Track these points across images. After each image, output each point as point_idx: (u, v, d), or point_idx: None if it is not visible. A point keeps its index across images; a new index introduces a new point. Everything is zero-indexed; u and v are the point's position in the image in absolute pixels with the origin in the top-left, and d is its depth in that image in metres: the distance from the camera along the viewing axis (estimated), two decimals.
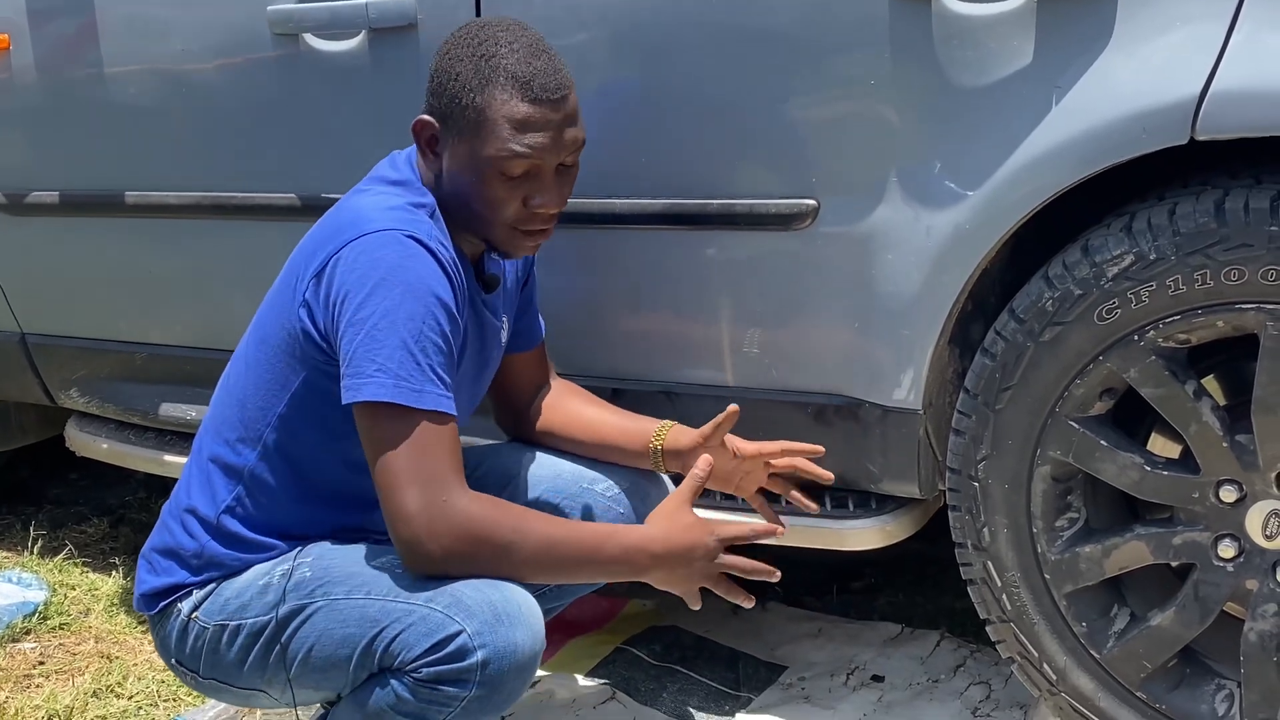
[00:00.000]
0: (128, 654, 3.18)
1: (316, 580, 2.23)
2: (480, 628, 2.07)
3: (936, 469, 2.56)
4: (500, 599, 2.10)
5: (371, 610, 2.15)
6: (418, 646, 2.09)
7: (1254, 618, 2.33)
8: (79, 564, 3.66)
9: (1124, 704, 2.44)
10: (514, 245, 2.30)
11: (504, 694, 2.11)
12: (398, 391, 2.07)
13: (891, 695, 2.89)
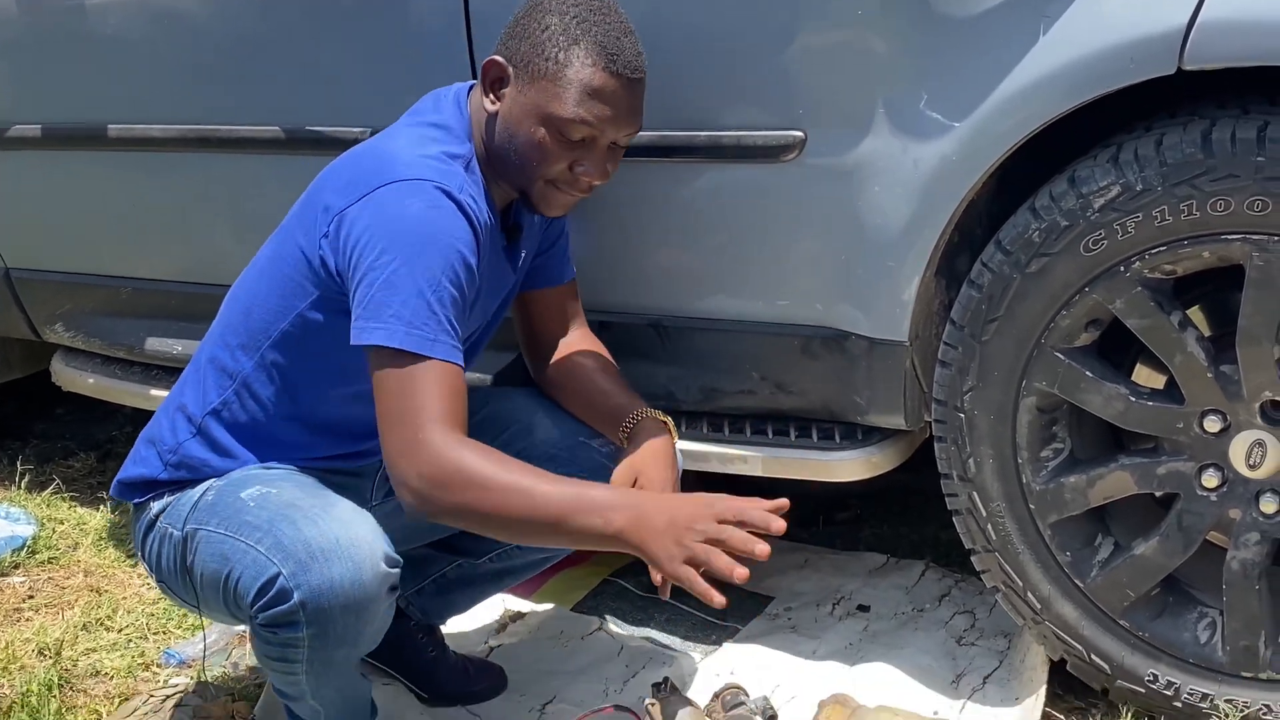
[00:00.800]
0: (117, 588, 3.19)
1: (208, 507, 2.26)
2: (295, 568, 2.09)
3: (922, 400, 2.57)
4: (316, 535, 2.10)
5: (225, 548, 2.19)
6: (249, 592, 2.13)
7: (1237, 546, 2.35)
8: (67, 499, 3.66)
9: (1107, 632, 2.46)
10: (546, 202, 2.30)
11: (340, 630, 2.12)
12: (409, 338, 2.08)
13: (877, 625, 2.91)
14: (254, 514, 2.18)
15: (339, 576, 2.08)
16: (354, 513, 2.18)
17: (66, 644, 2.91)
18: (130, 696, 2.74)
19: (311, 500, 2.20)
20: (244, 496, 2.23)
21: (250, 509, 2.20)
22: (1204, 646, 2.42)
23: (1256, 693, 2.38)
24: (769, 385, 2.69)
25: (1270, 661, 2.36)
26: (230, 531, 2.19)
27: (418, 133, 2.27)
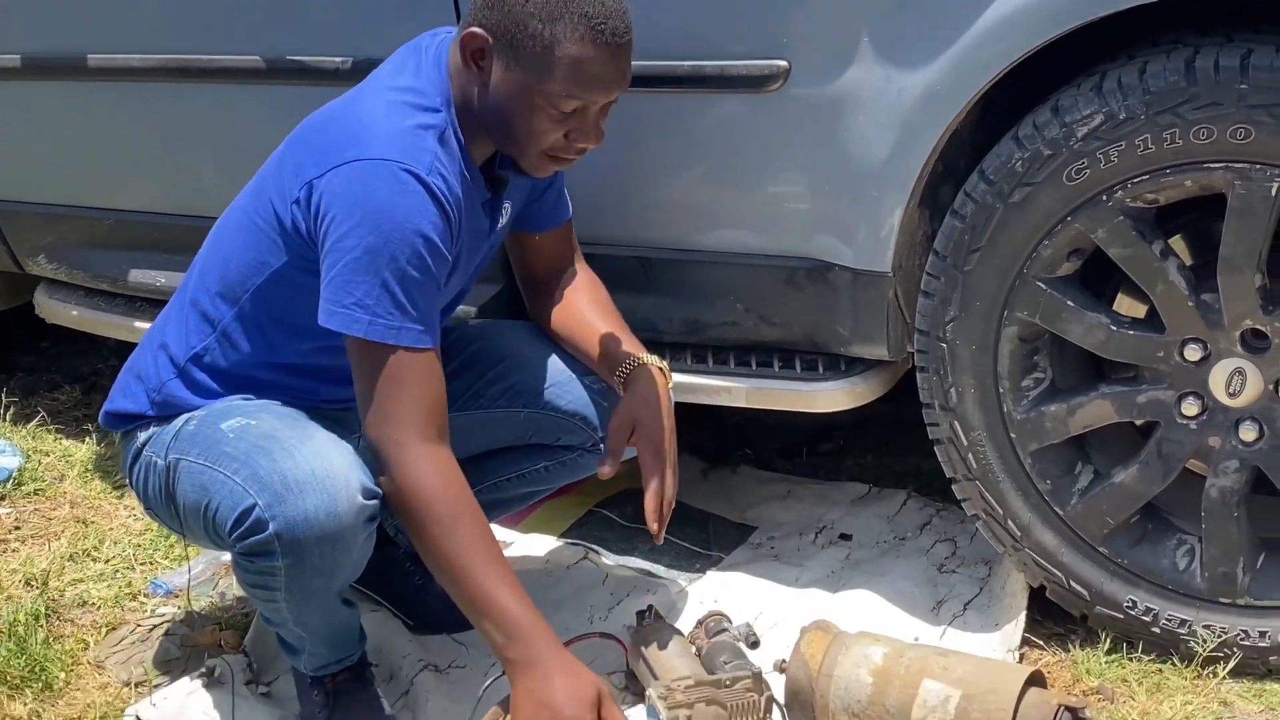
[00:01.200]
0: (103, 519, 3.20)
1: (190, 437, 2.28)
2: (270, 500, 2.11)
3: (905, 331, 2.58)
4: (292, 467, 2.12)
5: (204, 478, 2.21)
6: (227, 522, 2.16)
7: (1216, 474, 2.37)
8: (52, 431, 3.66)
9: (1086, 559, 2.49)
10: (540, 169, 2.28)
11: (316, 561, 2.15)
12: (373, 328, 2.09)
13: (859, 553, 2.93)
14: (233, 445, 2.20)
15: (314, 508, 2.10)
16: (331, 444, 2.19)
17: (53, 574, 2.92)
18: (117, 626, 2.75)
19: (289, 432, 2.21)
20: (224, 428, 2.24)
21: (229, 440, 2.21)
22: (1182, 573, 2.45)
23: (1234, 618, 2.41)
24: (752, 317, 2.70)
25: (1248, 587, 2.39)
26: (209, 462, 2.21)
27: (393, 99, 2.21)
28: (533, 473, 2.66)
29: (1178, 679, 2.42)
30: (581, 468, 2.67)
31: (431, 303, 2.15)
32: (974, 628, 2.62)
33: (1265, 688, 2.39)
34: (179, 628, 2.71)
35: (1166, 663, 2.45)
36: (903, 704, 2.23)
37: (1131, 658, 2.47)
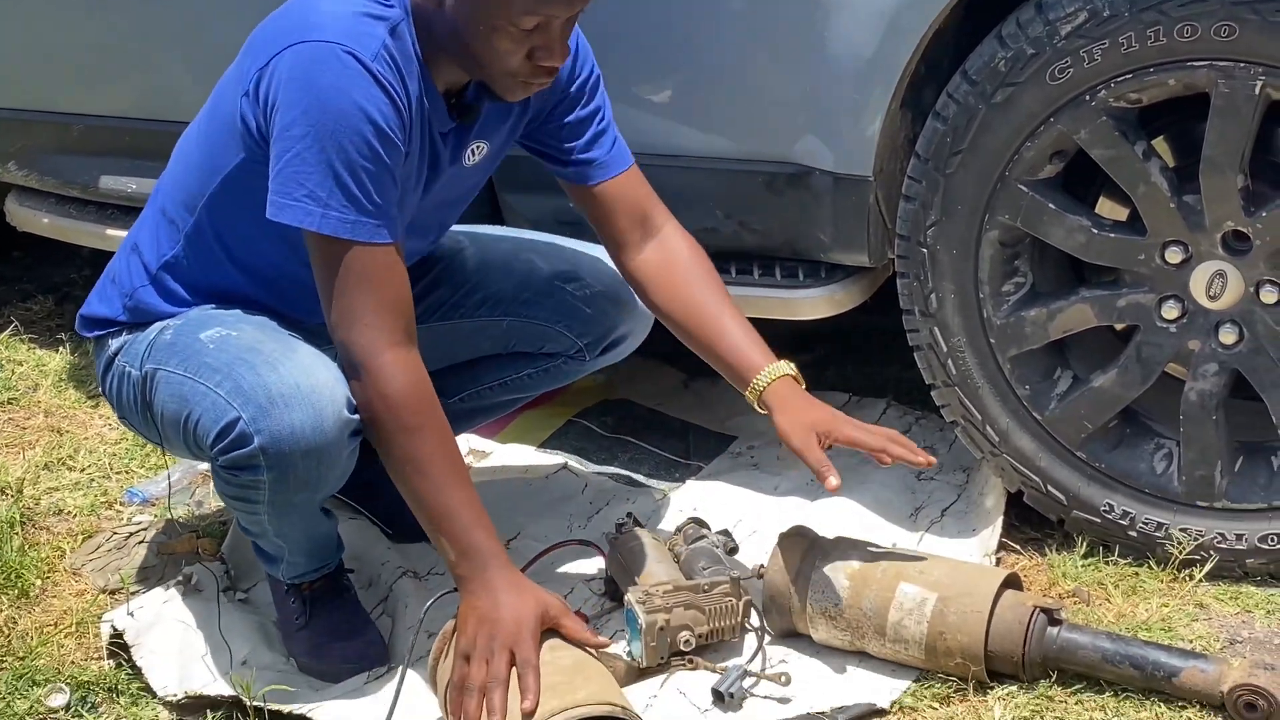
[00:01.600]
0: (78, 428, 3.19)
1: (167, 346, 2.24)
2: (255, 413, 2.09)
3: (886, 237, 2.57)
4: (276, 381, 2.10)
5: (184, 389, 2.18)
6: (209, 435, 2.13)
7: (1195, 378, 2.37)
8: (25, 340, 3.63)
9: (1064, 464, 2.49)
10: (510, 92, 2.16)
11: (300, 475, 2.13)
12: (325, 221, 2.03)
13: (838, 461, 2.88)
14: (213, 356, 2.17)
15: (299, 423, 2.08)
16: (315, 358, 2.16)
17: (28, 483, 2.91)
18: (93, 534, 2.75)
19: (273, 344, 2.18)
20: (203, 338, 2.21)
21: (210, 351, 2.18)
22: (1160, 477, 2.45)
23: (1211, 522, 2.42)
24: (732, 223, 2.68)
25: (1225, 491, 2.40)
26: (189, 373, 2.18)
27: None
28: (515, 380, 2.65)
29: (1154, 582, 2.43)
30: (565, 374, 2.66)
31: (386, 195, 2.07)
32: (951, 534, 2.63)
33: (1241, 590, 2.41)
34: (156, 536, 2.71)
35: (1143, 566, 2.47)
36: (879, 607, 2.24)
37: (1108, 561, 2.49)
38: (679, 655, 2.31)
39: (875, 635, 2.25)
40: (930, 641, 2.20)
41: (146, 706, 2.28)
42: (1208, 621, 2.34)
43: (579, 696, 1.96)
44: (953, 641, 2.18)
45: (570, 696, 1.96)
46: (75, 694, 2.31)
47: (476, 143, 2.30)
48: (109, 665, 2.37)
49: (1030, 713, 2.14)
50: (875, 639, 2.25)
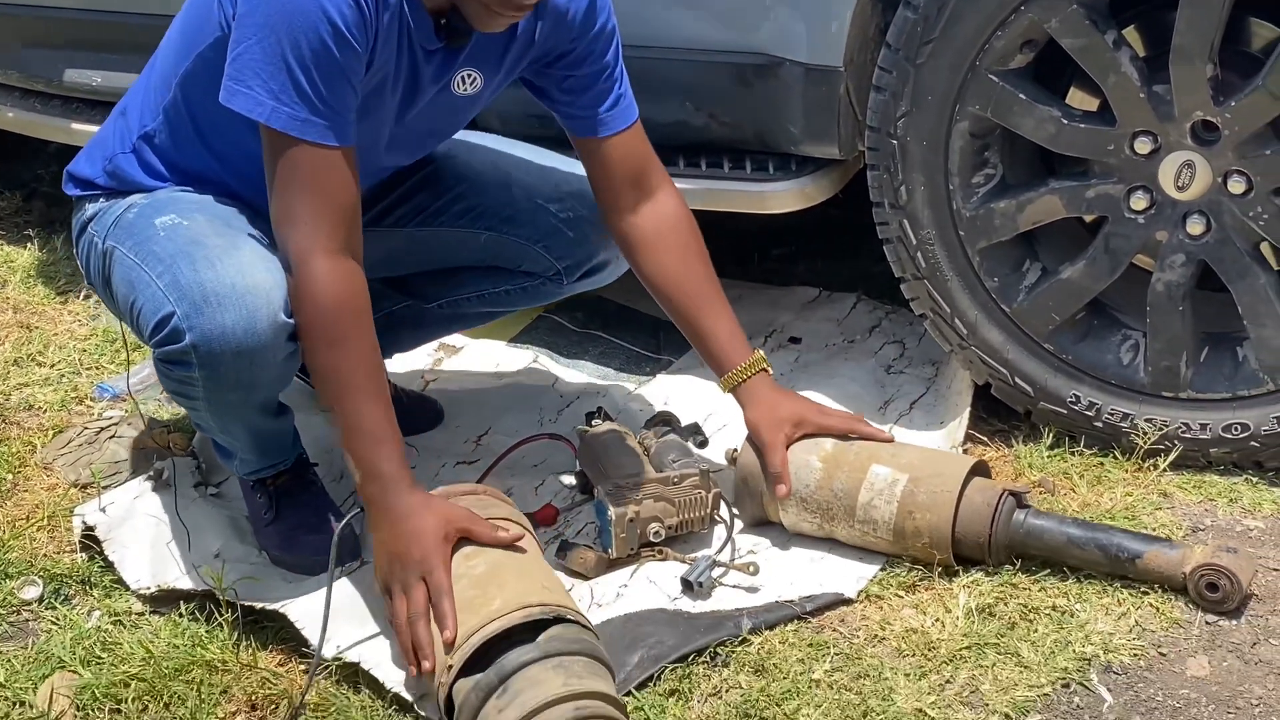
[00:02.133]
0: (47, 324, 3.16)
1: (128, 226, 2.22)
2: (188, 310, 2.06)
3: (856, 128, 2.55)
4: (212, 279, 2.07)
5: (133, 275, 2.16)
6: (148, 326, 2.12)
7: (1162, 268, 2.37)
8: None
9: (1032, 355, 2.50)
10: (479, 20, 2.09)
11: (232, 375, 2.11)
12: (275, 116, 2.00)
13: (808, 356, 2.94)
14: (161, 245, 2.14)
15: (231, 324, 2.05)
16: (257, 257, 2.12)
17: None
18: (64, 429, 2.74)
19: (217, 239, 2.14)
20: (157, 223, 2.18)
21: (159, 239, 2.15)
22: (1126, 368, 2.46)
23: (1176, 411, 2.43)
24: (702, 116, 2.66)
25: (1190, 381, 2.41)
26: (138, 259, 2.16)
27: None
28: (493, 295, 2.63)
29: (1119, 472, 2.45)
30: (542, 295, 2.63)
31: (341, 98, 2.03)
32: (920, 426, 2.64)
33: (1204, 479, 2.43)
34: (126, 430, 2.70)
35: (1108, 456, 2.48)
36: (850, 488, 2.25)
37: (1074, 452, 2.50)
38: (649, 546, 2.32)
39: (845, 516, 2.26)
40: (899, 522, 2.21)
41: (120, 599, 2.29)
42: (1171, 510, 2.36)
43: (493, 607, 1.92)
44: (921, 521, 2.20)
45: (485, 609, 1.92)
46: (48, 586, 2.31)
47: (466, 70, 2.24)
48: (82, 558, 2.37)
49: (995, 599, 2.16)
50: (845, 521, 2.26)
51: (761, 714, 2.00)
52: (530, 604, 1.92)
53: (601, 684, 1.87)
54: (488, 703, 1.85)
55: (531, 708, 1.80)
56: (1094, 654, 2.05)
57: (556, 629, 1.90)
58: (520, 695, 1.83)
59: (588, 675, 1.86)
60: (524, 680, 1.84)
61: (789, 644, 2.13)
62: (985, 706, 1.99)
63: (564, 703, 1.81)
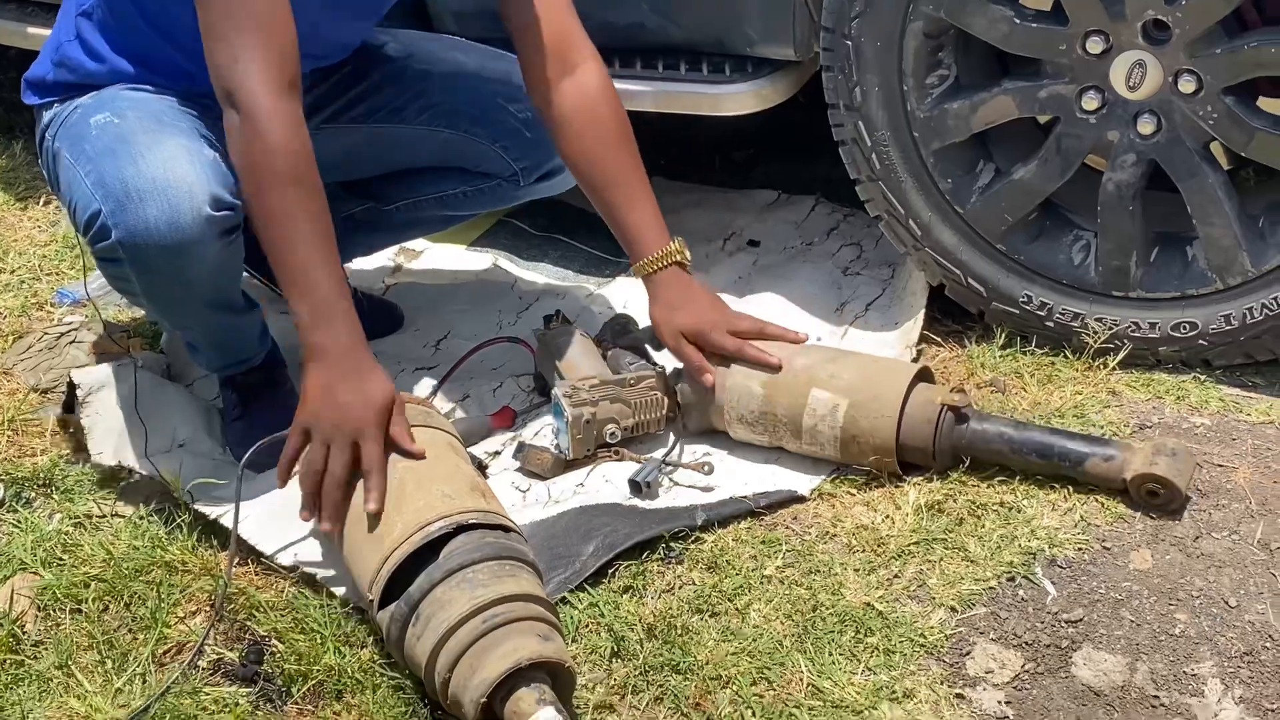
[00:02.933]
0: (7, 230, 3.14)
1: (70, 127, 2.19)
2: (114, 207, 2.04)
3: (812, 29, 2.52)
4: (134, 175, 2.04)
5: (69, 174, 2.14)
6: (80, 224, 2.10)
7: (1113, 169, 2.37)
8: None
9: (984, 256, 2.50)
10: None
11: (162, 270, 2.08)
12: None
13: (766, 259, 2.93)
14: (92, 143, 2.11)
15: (153, 218, 2.03)
16: (183, 151, 2.07)
17: None
18: (24, 334, 2.72)
19: (144, 135, 2.10)
20: (92, 122, 2.15)
21: (91, 137, 2.13)
22: (1077, 268, 2.46)
23: (1125, 311, 2.44)
24: (658, 18, 2.63)
25: (1140, 281, 2.42)
26: (74, 158, 2.14)
27: None
28: (451, 197, 2.60)
29: (1069, 370, 2.45)
30: (499, 197, 2.61)
31: None
32: (875, 327, 2.65)
33: (1153, 378, 2.44)
34: (85, 335, 2.68)
35: (1059, 355, 2.49)
36: (793, 413, 2.24)
37: (1025, 352, 2.51)
38: (605, 447, 2.33)
39: (792, 437, 2.26)
40: (844, 443, 2.22)
41: (80, 502, 2.29)
42: (1119, 408, 2.37)
43: (394, 535, 1.87)
44: (865, 444, 2.20)
45: (389, 538, 1.87)
46: (9, 490, 2.31)
47: None
48: (43, 462, 2.37)
49: (943, 496, 2.18)
50: (792, 440, 2.27)
51: (714, 609, 2.02)
52: (428, 522, 1.87)
53: (509, 584, 1.82)
54: (407, 632, 1.83)
55: (442, 633, 1.78)
56: (1039, 548, 2.07)
57: (458, 540, 1.86)
58: (431, 621, 1.80)
59: (493, 581, 1.82)
60: (432, 605, 1.81)
61: (742, 541, 2.14)
62: (932, 600, 2.02)
63: (471, 618, 1.78)
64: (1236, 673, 1.89)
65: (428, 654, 1.79)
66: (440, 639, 1.78)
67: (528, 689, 1.74)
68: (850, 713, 1.85)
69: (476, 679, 1.75)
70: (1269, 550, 2.06)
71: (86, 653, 1.99)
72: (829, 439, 2.22)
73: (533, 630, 1.79)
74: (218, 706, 1.89)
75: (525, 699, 1.73)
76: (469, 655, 1.77)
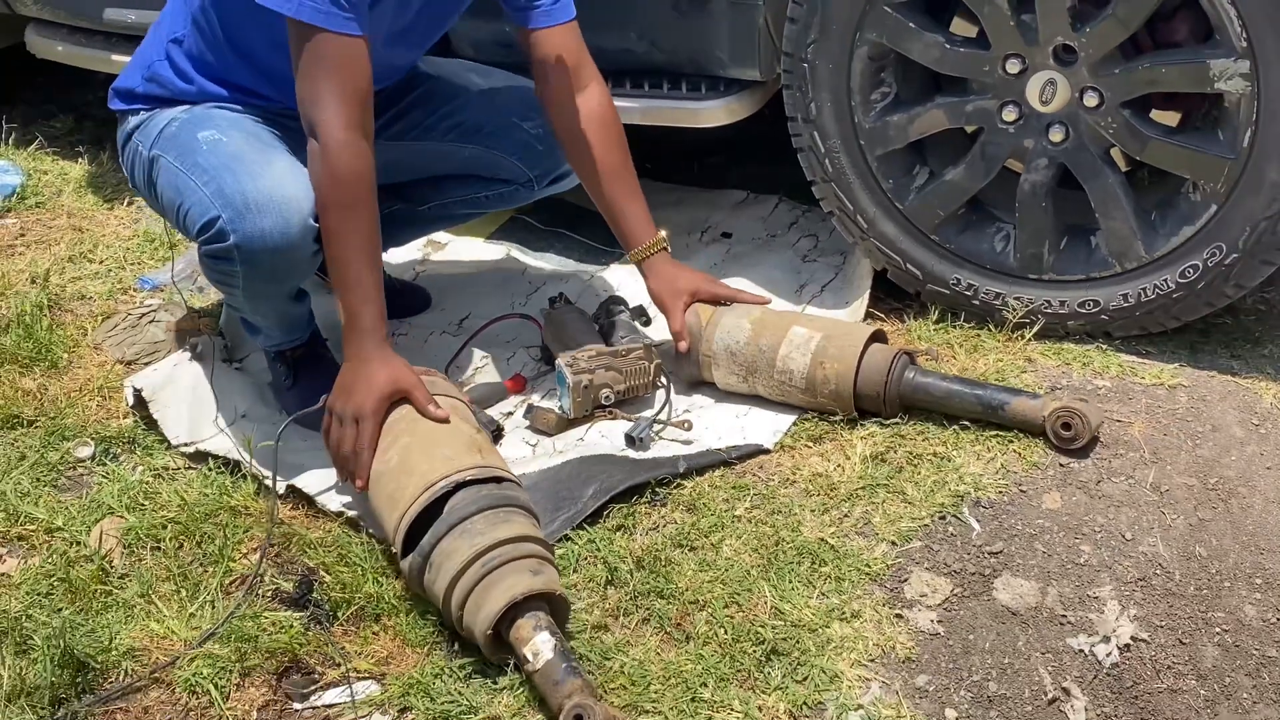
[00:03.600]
0: (97, 227, 3.11)
1: (171, 138, 2.18)
2: (233, 216, 2.04)
3: (774, 54, 2.49)
4: (253, 189, 2.04)
5: (179, 181, 2.12)
6: (195, 226, 2.09)
7: (1029, 170, 2.35)
8: (50, 154, 3.52)
9: (920, 245, 2.47)
10: None
11: (267, 269, 2.10)
12: (301, 8, 1.94)
13: (738, 248, 2.91)
14: (205, 158, 2.10)
15: (269, 228, 2.03)
16: (290, 171, 2.08)
17: (54, 273, 2.84)
18: (110, 315, 2.70)
19: (255, 155, 2.10)
20: (200, 138, 2.13)
21: (203, 151, 2.11)
22: (999, 254, 2.44)
23: (1039, 291, 2.42)
24: (645, 43, 2.60)
25: (1051, 265, 2.40)
26: (185, 168, 2.12)
27: None
28: (474, 199, 2.58)
29: (992, 341, 2.44)
30: (515, 199, 2.59)
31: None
32: (829, 305, 2.62)
33: (1062, 348, 2.42)
34: (164, 316, 2.66)
35: (983, 329, 2.47)
36: (773, 344, 2.24)
37: (955, 326, 2.49)
38: (601, 408, 2.32)
39: (766, 369, 2.25)
40: (811, 371, 2.20)
41: (159, 456, 2.27)
42: (1034, 373, 2.35)
43: (406, 494, 1.88)
44: (829, 370, 2.19)
45: (403, 499, 1.88)
46: (99, 447, 2.30)
47: None
48: (128, 423, 2.35)
49: (886, 448, 2.17)
50: (766, 374, 2.25)
51: (692, 544, 2.01)
52: (432, 483, 1.87)
53: (503, 530, 1.82)
54: (424, 578, 1.84)
55: (451, 578, 1.79)
56: (966, 491, 2.06)
57: (458, 496, 1.86)
58: (441, 569, 1.81)
59: (488, 529, 1.82)
60: (440, 555, 1.82)
61: (715, 487, 2.13)
62: (876, 535, 2.01)
63: (472, 564, 1.78)
64: (1131, 595, 1.89)
65: (442, 595, 1.80)
66: (450, 583, 1.79)
67: (525, 618, 1.75)
68: (807, 630, 1.85)
69: (481, 615, 1.76)
70: (1160, 492, 2.06)
71: (164, 584, 1.98)
72: (799, 368, 2.21)
73: (526, 567, 1.79)
74: (275, 628, 1.88)
75: (524, 626, 1.75)
76: (474, 595, 1.78)
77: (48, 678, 1.78)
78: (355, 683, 1.81)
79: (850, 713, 1.73)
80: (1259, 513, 2.02)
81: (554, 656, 1.71)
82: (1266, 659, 1.82)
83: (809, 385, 2.22)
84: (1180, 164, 2.24)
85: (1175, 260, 2.29)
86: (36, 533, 2.09)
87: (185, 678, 1.81)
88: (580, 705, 1.64)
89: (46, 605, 1.93)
